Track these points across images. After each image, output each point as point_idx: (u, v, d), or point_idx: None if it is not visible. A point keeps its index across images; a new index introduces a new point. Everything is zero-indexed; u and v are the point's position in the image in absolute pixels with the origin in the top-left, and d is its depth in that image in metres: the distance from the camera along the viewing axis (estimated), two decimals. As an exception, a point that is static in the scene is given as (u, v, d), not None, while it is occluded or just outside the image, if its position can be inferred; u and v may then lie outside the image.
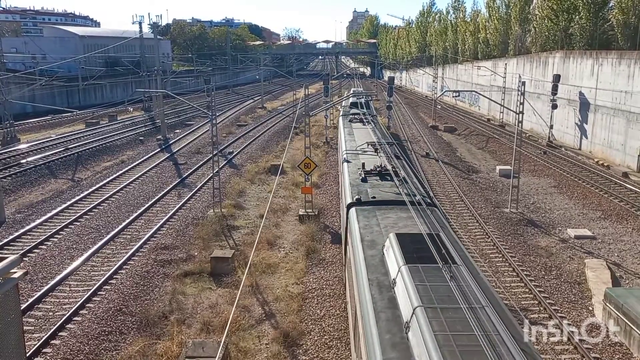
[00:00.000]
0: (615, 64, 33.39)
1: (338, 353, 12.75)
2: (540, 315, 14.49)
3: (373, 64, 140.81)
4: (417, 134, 46.60)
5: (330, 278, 16.73)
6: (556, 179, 30.12)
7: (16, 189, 27.53)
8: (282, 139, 43.78)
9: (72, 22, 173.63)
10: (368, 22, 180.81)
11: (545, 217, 23.35)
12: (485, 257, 18.40)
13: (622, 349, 12.86)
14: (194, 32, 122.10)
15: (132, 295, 15.63)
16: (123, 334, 13.67)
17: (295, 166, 27.60)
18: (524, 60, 49.51)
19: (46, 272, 17.27)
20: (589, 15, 39.36)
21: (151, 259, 18.20)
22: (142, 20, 49.05)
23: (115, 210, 24.02)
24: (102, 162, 35.18)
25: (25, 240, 20.12)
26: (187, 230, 21.38)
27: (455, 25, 78.53)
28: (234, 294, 14.98)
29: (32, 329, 13.71)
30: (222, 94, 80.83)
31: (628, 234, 21.17)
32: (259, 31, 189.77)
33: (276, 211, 23.71)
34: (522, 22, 54.31)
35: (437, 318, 6.85)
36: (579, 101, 37.73)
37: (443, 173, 30.99)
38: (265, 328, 13.95)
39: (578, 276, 17.14)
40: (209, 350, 11.79)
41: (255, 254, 16.84)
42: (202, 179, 29.75)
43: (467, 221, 22.48)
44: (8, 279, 5.91)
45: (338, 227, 21.33)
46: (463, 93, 63.60)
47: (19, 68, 61.33)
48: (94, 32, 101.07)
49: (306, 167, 22.65)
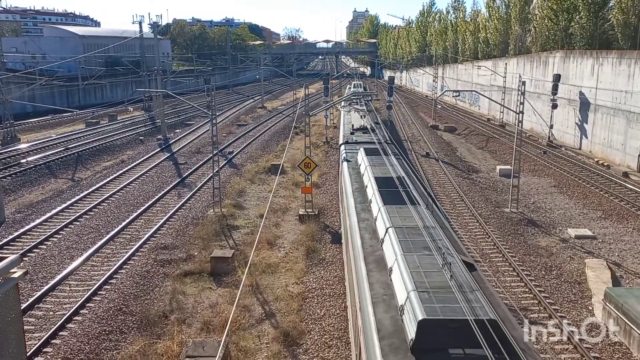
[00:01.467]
0: (615, 64, 33.39)
1: (338, 352, 12.75)
2: (540, 315, 14.49)
3: (373, 64, 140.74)
4: (417, 134, 46.60)
5: (330, 278, 16.73)
6: (556, 179, 30.12)
7: (16, 189, 27.53)
8: (282, 139, 43.79)
9: (72, 21, 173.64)
10: (368, 22, 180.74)
11: (545, 217, 23.35)
12: (486, 257, 18.41)
13: (622, 348, 12.86)
14: (194, 32, 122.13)
15: (133, 294, 15.63)
16: (123, 333, 13.67)
17: (296, 166, 27.59)
18: (524, 60, 49.50)
19: (46, 271, 17.27)
20: (589, 15, 39.36)
21: (151, 259, 18.20)
22: (142, 20, 49.12)
23: (115, 210, 24.03)
24: (102, 162, 35.19)
25: (25, 240, 20.12)
26: (187, 230, 21.38)
27: (455, 25, 78.52)
28: (234, 294, 14.99)
29: (32, 329, 13.72)
30: (222, 93, 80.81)
31: (628, 234, 21.17)
32: (259, 31, 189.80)
33: (276, 211, 23.71)
34: (522, 21, 54.29)
35: (403, 236, 9.55)
36: (579, 101, 37.73)
37: (443, 173, 30.99)
38: (265, 327, 13.96)
39: (578, 276, 17.14)
40: (209, 349, 11.79)
41: (255, 253, 16.85)
42: (202, 178, 29.75)
43: (467, 221, 22.48)
44: (8, 279, 5.91)
45: (338, 227, 21.36)
46: (463, 93, 63.62)
47: (19, 68, 61.30)
48: (94, 32, 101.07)
49: (306, 167, 22.65)
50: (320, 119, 48.39)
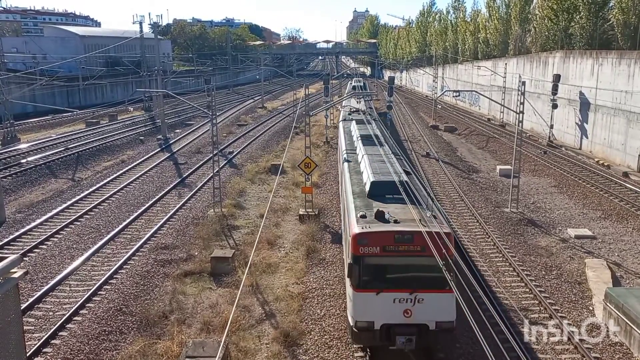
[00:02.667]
0: (615, 64, 33.38)
1: (338, 353, 12.74)
2: (540, 315, 14.48)
3: (373, 64, 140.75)
4: (418, 134, 46.61)
5: (330, 278, 16.72)
6: (556, 179, 30.12)
7: (16, 189, 27.54)
8: (282, 139, 43.79)
9: (72, 22, 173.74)
10: (368, 22, 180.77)
11: (545, 217, 23.35)
12: (486, 257, 18.41)
13: (622, 348, 12.85)
14: (194, 32, 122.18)
15: (133, 295, 15.63)
16: (123, 333, 13.67)
17: (296, 166, 27.59)
18: (524, 60, 49.50)
19: (46, 271, 17.28)
20: (589, 15, 39.37)
21: (151, 259, 18.20)
22: (143, 20, 49.06)
23: (115, 210, 24.03)
24: (102, 162, 35.20)
25: (26, 239, 20.13)
26: (188, 230, 21.38)
27: (455, 25, 78.56)
28: (234, 294, 14.97)
29: (32, 329, 13.72)
30: (223, 93, 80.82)
31: (628, 234, 21.17)
32: (259, 31, 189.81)
33: (276, 211, 23.71)
34: (522, 22, 54.31)
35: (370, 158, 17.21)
36: (579, 101, 37.73)
37: (443, 173, 31.00)
38: (265, 328, 13.95)
39: (578, 276, 17.14)
40: (209, 350, 11.79)
41: (255, 253, 16.84)
42: (202, 178, 29.75)
43: (467, 221, 22.48)
44: (8, 279, 5.91)
45: (338, 227, 21.38)
46: (463, 93, 63.61)
47: (20, 68, 61.31)
48: (95, 32, 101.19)
49: (306, 167, 22.64)
50: (321, 119, 48.36)
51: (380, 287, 11.47)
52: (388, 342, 11.42)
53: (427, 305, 11.31)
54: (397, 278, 11.80)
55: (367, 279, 11.62)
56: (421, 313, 11.31)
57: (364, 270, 11.58)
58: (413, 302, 11.31)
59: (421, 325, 11.33)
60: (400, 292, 11.33)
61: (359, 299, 11.60)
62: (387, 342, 11.46)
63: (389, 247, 11.49)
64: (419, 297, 11.29)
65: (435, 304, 11.35)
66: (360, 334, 11.66)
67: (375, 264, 11.65)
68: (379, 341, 11.55)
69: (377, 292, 11.42)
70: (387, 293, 11.38)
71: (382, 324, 11.40)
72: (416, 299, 11.29)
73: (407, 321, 11.34)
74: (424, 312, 11.31)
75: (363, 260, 11.52)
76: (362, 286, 11.57)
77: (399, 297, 11.34)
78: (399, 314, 11.35)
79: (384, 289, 11.44)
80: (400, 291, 11.34)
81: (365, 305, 11.53)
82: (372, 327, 11.47)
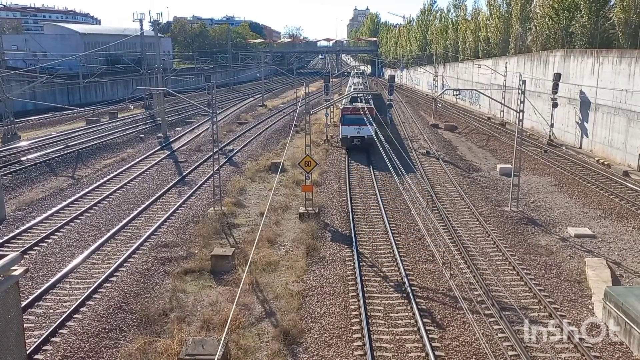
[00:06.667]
0: (615, 63, 33.35)
1: (338, 351, 12.76)
2: (540, 314, 14.49)
3: (374, 62, 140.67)
4: (418, 133, 46.58)
5: (330, 276, 16.74)
6: (557, 178, 30.12)
7: (16, 187, 27.54)
8: (282, 137, 43.78)
9: (72, 19, 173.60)
10: (369, 20, 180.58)
11: (545, 216, 23.35)
12: (486, 256, 18.42)
13: (622, 348, 12.86)
14: (194, 30, 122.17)
15: (133, 292, 15.64)
16: (123, 331, 13.69)
17: (296, 164, 27.59)
18: (524, 59, 49.45)
19: (46, 269, 17.28)
20: (590, 13, 39.31)
21: (151, 257, 18.21)
22: (143, 18, 49.08)
23: (115, 207, 24.04)
24: (102, 160, 35.19)
25: (26, 237, 20.13)
26: (188, 228, 21.39)
27: (456, 24, 78.45)
28: (234, 292, 14.99)
29: (32, 327, 13.73)
30: (223, 91, 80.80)
31: (628, 233, 21.17)
32: (260, 29, 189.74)
33: (276, 209, 23.71)
34: (523, 20, 54.22)
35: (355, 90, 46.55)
36: (580, 100, 37.70)
37: (444, 171, 31.00)
38: (265, 326, 13.97)
39: (578, 275, 17.15)
40: (209, 347, 11.80)
41: (255, 251, 16.85)
42: (202, 176, 29.76)
43: (467, 219, 22.48)
44: (8, 277, 5.92)
45: (338, 226, 21.38)
46: (464, 91, 63.59)
47: (20, 65, 61.29)
48: (95, 30, 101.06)
49: (306, 165, 22.64)
50: (321, 117, 48.29)
51: (349, 124, 36.18)
52: (352, 144, 35.82)
53: (364, 130, 34.10)
54: (354, 119, 35.48)
55: (345, 121, 36.68)
56: (362, 132, 34.79)
57: (344, 119, 36.71)
58: (359, 129, 35.04)
59: (362, 137, 34.94)
60: (356, 126, 35.48)
61: (343, 128, 36.76)
62: (351, 144, 35.85)
63: (353, 111, 36.12)
64: (361, 128, 34.55)
65: (366, 130, 33.05)
66: (343, 141, 36.61)
67: (348, 116, 36.47)
68: (349, 143, 35.97)
69: (348, 125, 36.24)
70: (351, 126, 35.90)
71: (350, 136, 35.85)
72: (360, 127, 34.79)
73: (358, 135, 35.46)
74: (363, 132, 34.58)
75: (344, 115, 36.75)
76: (343, 123, 36.91)
77: (355, 128, 35.49)
78: (355, 132, 35.55)
79: (350, 124, 36.06)
80: (355, 126, 35.48)
81: (345, 130, 36.42)
82: (347, 137, 36.06)
